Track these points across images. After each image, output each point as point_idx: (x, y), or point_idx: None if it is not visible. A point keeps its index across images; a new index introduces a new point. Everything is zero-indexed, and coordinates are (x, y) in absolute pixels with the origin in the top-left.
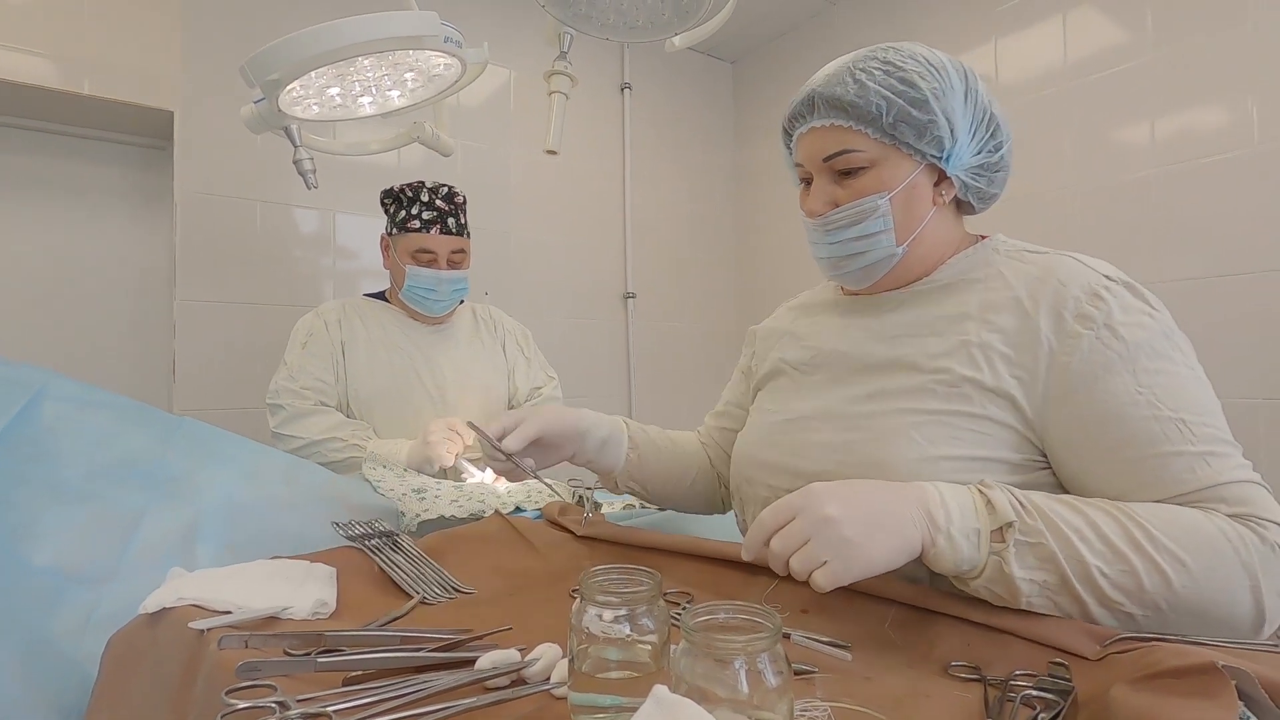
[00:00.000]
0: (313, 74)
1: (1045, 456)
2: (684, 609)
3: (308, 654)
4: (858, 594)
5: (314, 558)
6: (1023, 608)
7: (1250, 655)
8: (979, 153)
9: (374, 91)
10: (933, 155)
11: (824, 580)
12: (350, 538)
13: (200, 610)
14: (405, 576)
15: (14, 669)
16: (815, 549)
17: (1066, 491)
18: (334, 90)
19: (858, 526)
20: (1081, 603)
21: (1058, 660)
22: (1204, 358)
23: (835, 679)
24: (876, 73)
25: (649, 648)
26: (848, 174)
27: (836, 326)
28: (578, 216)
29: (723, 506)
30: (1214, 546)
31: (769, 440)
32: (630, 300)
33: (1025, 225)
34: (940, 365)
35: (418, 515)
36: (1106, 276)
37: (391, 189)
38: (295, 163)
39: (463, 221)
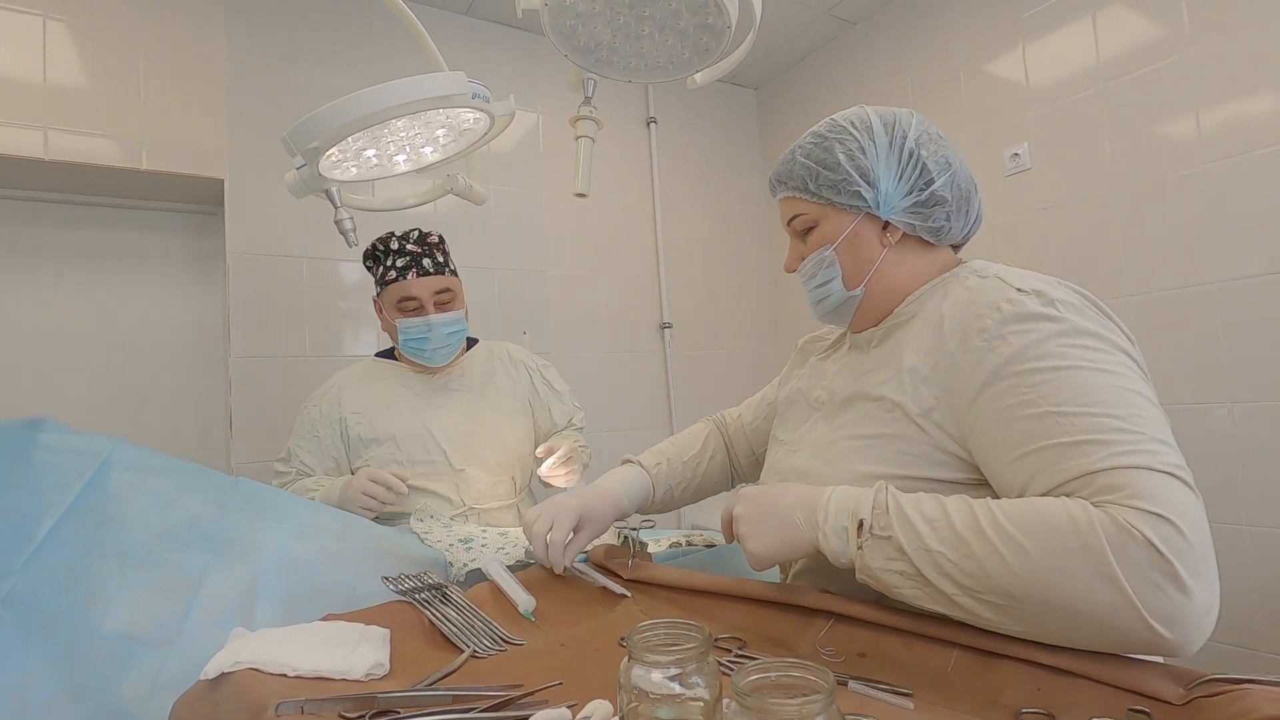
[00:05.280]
0: (349, 138)
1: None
2: (735, 655)
3: (362, 717)
4: (917, 637)
5: (367, 615)
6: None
7: None
8: (909, 193)
9: (408, 150)
10: (861, 206)
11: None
12: (400, 592)
13: (258, 674)
14: (455, 630)
15: None
16: (739, 536)
17: None
18: (370, 152)
19: (749, 524)
20: (941, 590)
21: (1139, 708)
22: (1266, 357)
23: None
24: (807, 145)
25: (700, 704)
26: (806, 233)
27: (840, 363)
28: (611, 251)
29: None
30: (1052, 528)
31: (774, 467)
32: (667, 330)
33: (1070, 231)
34: (882, 394)
35: (465, 565)
36: (1018, 289)
37: (367, 249)
38: (336, 223)
39: (440, 260)
